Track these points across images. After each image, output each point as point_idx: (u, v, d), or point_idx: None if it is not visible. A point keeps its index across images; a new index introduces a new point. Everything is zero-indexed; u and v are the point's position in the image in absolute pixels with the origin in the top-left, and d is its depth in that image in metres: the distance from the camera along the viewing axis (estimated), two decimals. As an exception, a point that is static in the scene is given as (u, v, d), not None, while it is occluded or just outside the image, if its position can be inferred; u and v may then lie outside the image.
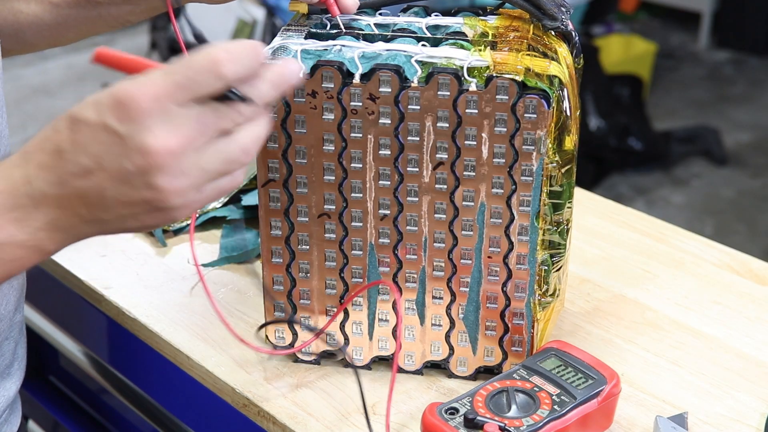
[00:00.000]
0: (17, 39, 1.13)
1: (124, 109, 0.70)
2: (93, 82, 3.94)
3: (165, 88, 0.70)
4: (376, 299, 1.03)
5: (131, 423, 1.31)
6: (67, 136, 0.72)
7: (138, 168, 0.71)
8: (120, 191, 0.72)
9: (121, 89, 0.71)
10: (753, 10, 4.68)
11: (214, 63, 0.71)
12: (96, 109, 0.71)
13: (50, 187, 0.73)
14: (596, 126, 3.58)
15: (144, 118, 0.70)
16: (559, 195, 0.98)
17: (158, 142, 0.70)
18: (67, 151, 0.72)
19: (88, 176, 0.72)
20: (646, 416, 1.00)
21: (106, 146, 0.71)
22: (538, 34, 1.00)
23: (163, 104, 0.70)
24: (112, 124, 0.71)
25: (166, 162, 0.71)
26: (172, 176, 0.72)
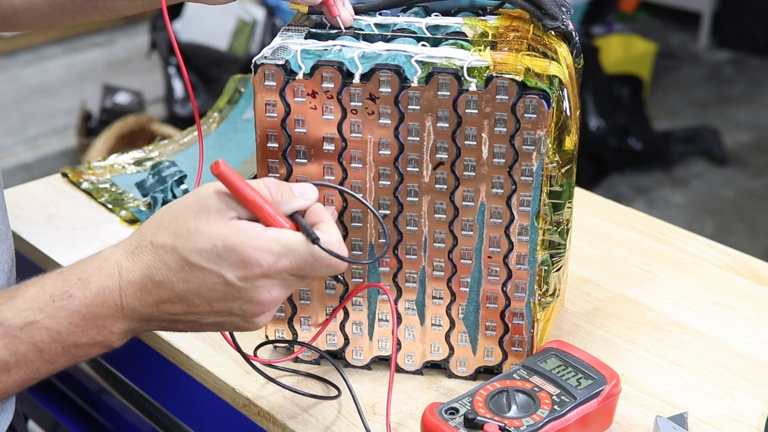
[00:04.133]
0: (10, 21, 1.14)
1: (248, 271, 0.78)
2: (93, 81, 3.93)
3: (288, 267, 0.80)
4: (376, 299, 1.03)
5: (131, 423, 1.31)
6: (180, 276, 0.79)
7: (245, 312, 0.81)
8: (217, 320, 0.82)
9: (248, 252, 0.78)
10: (753, 10, 4.68)
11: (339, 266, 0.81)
12: (216, 261, 0.78)
13: (145, 308, 0.81)
14: (596, 126, 3.58)
15: (264, 281, 0.79)
16: (559, 195, 0.98)
17: (272, 298, 0.81)
18: (178, 288, 0.79)
19: (192, 307, 0.80)
20: (646, 416, 1.00)
21: (219, 293, 0.79)
22: (538, 34, 1.00)
23: (283, 276, 0.80)
24: (232, 280, 0.79)
25: (270, 308, 0.82)
26: (269, 316, 0.83)
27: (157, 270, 0.79)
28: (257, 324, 0.83)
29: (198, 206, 0.80)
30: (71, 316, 0.80)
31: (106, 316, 0.80)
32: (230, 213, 0.79)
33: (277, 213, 0.81)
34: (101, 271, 0.80)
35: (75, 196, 1.39)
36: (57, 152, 3.70)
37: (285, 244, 0.79)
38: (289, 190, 0.83)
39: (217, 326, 0.84)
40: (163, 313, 0.81)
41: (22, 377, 0.81)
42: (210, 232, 0.78)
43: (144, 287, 0.80)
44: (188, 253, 0.78)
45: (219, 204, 0.80)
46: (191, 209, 0.80)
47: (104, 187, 1.40)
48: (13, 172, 3.50)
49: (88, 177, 1.42)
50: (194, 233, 0.79)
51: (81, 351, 0.82)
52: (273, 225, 0.80)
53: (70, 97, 3.88)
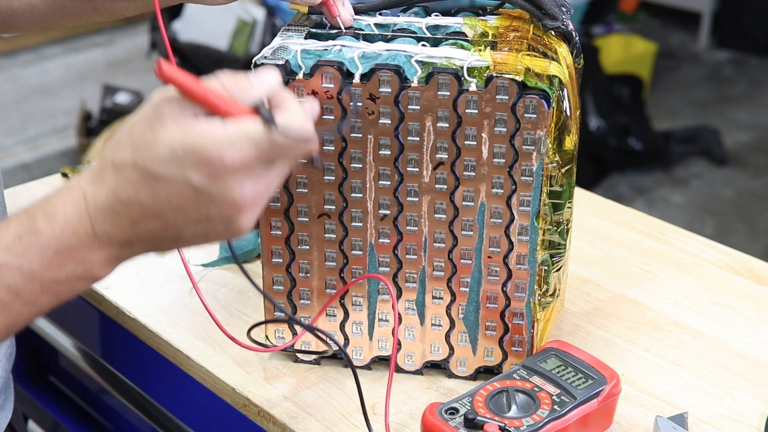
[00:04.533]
0: (10, 23, 1.14)
1: (212, 169, 0.74)
2: (93, 81, 3.93)
3: (254, 158, 0.75)
4: (376, 299, 1.03)
5: (131, 423, 1.31)
6: (145, 190, 0.75)
7: (222, 214, 0.76)
8: (198, 229, 0.77)
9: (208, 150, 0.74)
10: (753, 10, 4.68)
11: (307, 144, 0.77)
12: (177, 167, 0.74)
13: (120, 230, 0.77)
14: (596, 126, 3.58)
15: (231, 175, 0.75)
16: (559, 195, 0.98)
17: (245, 194, 0.76)
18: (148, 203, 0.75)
19: (166, 221, 0.76)
20: (646, 416, 1.00)
21: (190, 200, 0.75)
22: (538, 34, 1.00)
23: (249, 167, 0.75)
24: (197, 181, 0.74)
25: (248, 206, 0.76)
26: (251, 215, 0.78)
27: (122, 189, 0.76)
28: (241, 227, 0.78)
29: (151, 114, 0.76)
30: (42, 251, 0.76)
31: (79, 246, 0.77)
32: (185, 113, 0.75)
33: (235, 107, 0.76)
34: (66, 201, 0.77)
35: (75, 196, 1.39)
36: (57, 152, 3.70)
37: (245, 137, 0.75)
38: (246, 79, 0.78)
39: (200, 237, 0.79)
40: (141, 234, 0.77)
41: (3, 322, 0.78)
42: (166, 138, 0.75)
43: (114, 210, 0.76)
44: (148, 163, 0.75)
45: (172, 107, 0.76)
46: (146, 120, 0.77)
47: (104, 187, 1.39)
48: (13, 172, 3.50)
49: (88, 177, 1.42)
50: (151, 143, 0.75)
51: (63, 287, 0.78)
52: (229, 115, 0.76)
53: (70, 97, 3.88)
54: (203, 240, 0.80)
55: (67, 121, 3.79)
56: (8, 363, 1.05)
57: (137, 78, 3.89)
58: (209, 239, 0.80)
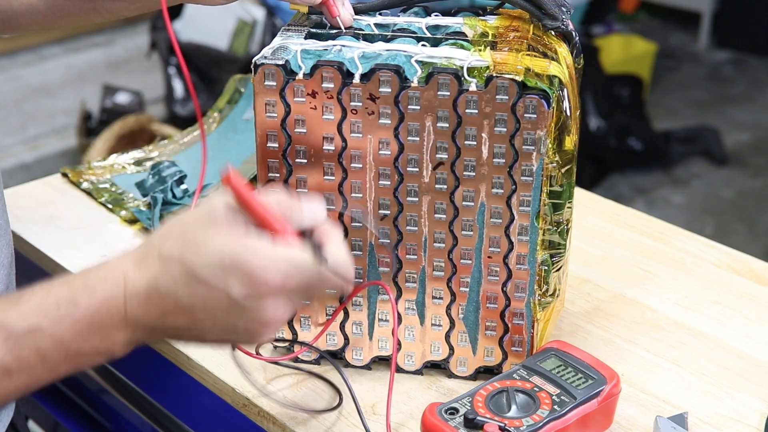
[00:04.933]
0: (10, 24, 1.14)
1: (254, 289, 0.76)
2: (93, 81, 3.93)
3: (295, 287, 0.78)
4: (376, 299, 1.03)
5: (131, 423, 1.31)
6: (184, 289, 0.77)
7: (248, 329, 0.79)
8: (221, 335, 0.80)
9: (255, 270, 0.76)
10: (753, 10, 4.68)
11: (347, 282, 0.80)
12: (222, 276, 0.77)
13: (149, 319, 0.79)
14: (596, 126, 3.58)
15: (269, 298, 0.77)
16: (559, 195, 0.98)
17: (276, 316, 0.78)
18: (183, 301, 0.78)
19: (196, 321, 0.79)
20: (646, 416, 1.00)
21: (224, 309, 0.77)
22: (538, 34, 1.00)
23: (289, 294, 0.78)
24: (237, 296, 0.77)
25: (275, 325, 0.79)
26: (272, 332, 0.81)
27: (162, 281, 0.78)
28: (260, 341, 0.83)
29: (208, 218, 0.79)
30: (76, 323, 0.79)
31: (110, 325, 0.79)
32: (240, 227, 0.78)
33: (287, 230, 0.79)
34: (107, 280, 0.79)
35: (75, 196, 1.39)
36: (57, 152, 3.69)
37: (293, 264, 0.77)
38: (299, 207, 0.81)
39: (220, 342, 0.84)
40: (167, 326, 0.80)
41: (23, 383, 0.81)
42: (217, 246, 0.77)
43: (149, 298, 0.79)
44: (195, 266, 0.77)
45: (228, 216, 0.78)
46: (201, 221, 0.79)
47: (104, 187, 1.40)
48: (13, 172, 3.50)
49: (88, 177, 1.42)
50: (202, 246, 0.77)
51: (83, 359, 0.81)
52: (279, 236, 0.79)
53: (70, 97, 3.88)
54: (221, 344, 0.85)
55: (67, 121, 3.79)
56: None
57: (137, 78, 3.89)
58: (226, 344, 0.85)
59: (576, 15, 4.03)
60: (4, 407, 1.04)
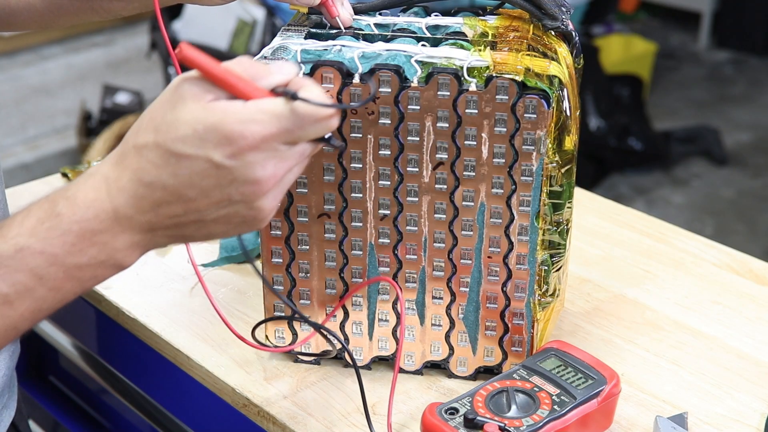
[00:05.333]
0: (8, 22, 1.14)
1: (234, 146, 0.74)
2: (93, 81, 3.93)
3: (275, 132, 0.75)
4: (376, 299, 1.03)
5: (131, 423, 1.31)
6: (167, 170, 0.75)
7: (244, 195, 0.76)
8: (220, 213, 0.77)
9: (230, 127, 0.74)
10: (753, 10, 4.68)
11: (329, 119, 0.77)
12: (199, 144, 0.75)
13: (142, 214, 0.77)
14: (596, 126, 3.58)
15: (254, 153, 0.75)
16: (559, 195, 0.98)
17: (267, 174, 0.76)
18: (170, 184, 0.75)
19: (189, 202, 0.76)
20: (646, 416, 1.00)
21: (212, 179, 0.75)
22: (538, 34, 1.00)
23: (271, 144, 0.76)
24: (219, 159, 0.75)
25: (270, 188, 0.77)
26: (272, 199, 0.78)
27: (145, 171, 0.76)
28: (263, 208, 0.78)
29: (173, 97, 0.77)
30: (63, 235, 0.76)
31: (102, 230, 0.76)
32: (207, 96, 0.76)
33: (253, 85, 0.77)
34: (87, 186, 0.77)
35: (75, 196, 1.39)
36: (57, 152, 3.70)
37: (265, 110, 0.75)
38: (266, 67, 0.79)
39: (223, 222, 0.79)
40: (163, 218, 0.77)
41: (28, 308, 0.78)
42: (188, 118, 0.75)
43: (136, 193, 0.76)
44: (170, 144, 0.75)
45: (193, 89, 0.76)
46: (167, 103, 0.77)
47: (104, 187, 1.40)
48: (13, 172, 3.50)
49: (88, 177, 1.42)
50: (173, 123, 0.75)
51: (86, 273, 0.78)
52: (250, 97, 0.77)
53: (70, 97, 3.88)
54: (226, 225, 0.79)
55: (67, 121, 3.79)
56: (11, 361, 1.05)
57: (137, 78, 3.89)
58: (232, 224, 0.79)
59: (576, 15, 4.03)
60: (6, 407, 1.04)
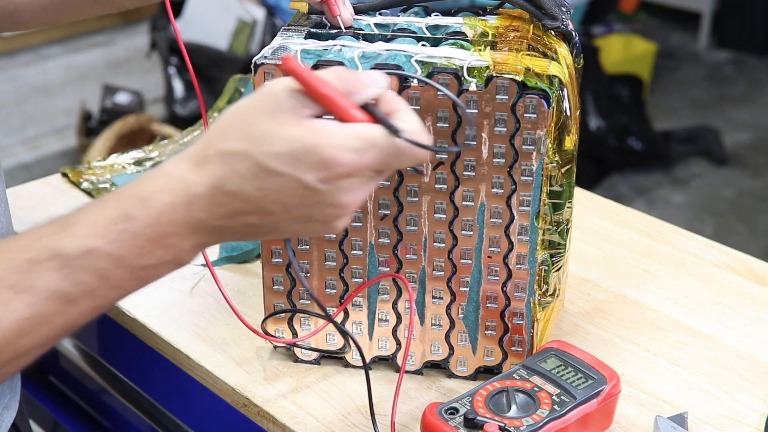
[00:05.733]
0: (12, 19, 1.13)
1: (329, 172, 0.73)
2: (93, 81, 3.93)
3: (371, 163, 0.74)
4: (376, 299, 1.03)
5: (131, 423, 1.31)
6: (254, 183, 0.73)
7: (325, 216, 0.75)
8: (295, 228, 0.76)
9: (328, 152, 0.72)
10: (753, 10, 4.68)
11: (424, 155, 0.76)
12: (294, 165, 0.72)
13: (216, 220, 0.75)
14: (596, 126, 3.58)
15: (345, 181, 0.73)
16: (559, 195, 0.98)
17: (354, 199, 0.75)
18: (254, 197, 0.73)
19: (268, 215, 0.75)
20: (646, 416, 1.00)
21: (298, 198, 0.74)
22: (538, 34, 1.00)
23: (364, 173, 0.74)
24: (311, 181, 0.73)
25: (352, 210, 0.76)
26: (350, 217, 0.77)
27: (229, 180, 0.73)
28: (337, 228, 0.77)
29: (269, 106, 0.73)
30: (134, 238, 0.74)
31: (173, 234, 0.74)
32: (304, 111, 0.73)
33: (353, 106, 0.74)
34: (165, 187, 0.74)
35: (75, 196, 1.39)
36: (57, 152, 3.70)
37: (366, 140, 0.73)
38: (360, 78, 0.76)
39: (295, 233, 0.78)
40: (237, 225, 0.75)
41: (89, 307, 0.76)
42: (285, 134, 0.72)
43: (214, 200, 0.73)
44: (263, 158, 0.72)
45: (292, 102, 0.73)
46: (262, 109, 0.74)
47: (104, 187, 1.40)
48: (13, 172, 3.50)
49: (88, 177, 1.42)
50: (268, 136, 0.72)
51: (150, 273, 0.76)
52: (349, 120, 0.74)
53: (70, 97, 3.88)
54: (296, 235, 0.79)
55: (67, 121, 3.79)
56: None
57: (137, 78, 3.89)
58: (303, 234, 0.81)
59: (576, 15, 4.03)
60: (7, 407, 1.04)
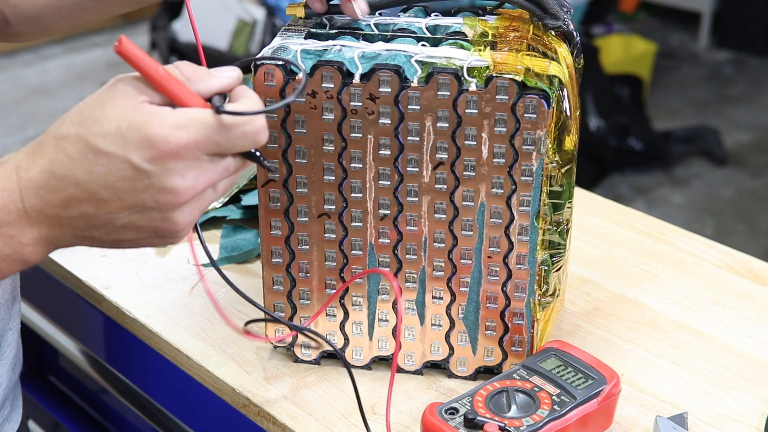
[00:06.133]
0: (37, 23, 1.12)
1: (155, 150, 0.72)
2: (93, 81, 3.93)
3: (200, 142, 0.73)
4: (376, 299, 1.03)
5: (131, 423, 1.31)
6: (83, 165, 0.72)
7: (159, 204, 0.73)
8: (131, 219, 0.74)
9: (156, 131, 0.72)
10: (753, 10, 4.68)
11: (257, 133, 0.75)
12: (120, 143, 0.72)
13: (51, 208, 0.73)
14: (596, 126, 3.58)
15: (174, 161, 0.72)
16: (559, 195, 0.98)
17: (185, 184, 0.73)
18: (83, 180, 0.72)
19: (101, 204, 0.73)
20: (646, 416, 1.00)
21: (128, 182, 0.72)
22: (538, 34, 1.00)
23: (195, 153, 0.73)
24: (139, 162, 0.72)
25: (187, 201, 0.74)
26: (188, 214, 0.75)
27: (59, 163, 0.72)
28: (177, 223, 0.75)
29: (106, 94, 0.74)
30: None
31: (9, 222, 0.73)
32: (140, 96, 0.73)
33: (188, 90, 0.74)
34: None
35: (75, 196, 1.39)
36: (57, 152, 3.69)
37: (193, 117, 0.73)
38: (206, 70, 0.77)
39: (135, 229, 0.75)
40: (72, 215, 0.73)
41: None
42: (115, 115, 0.72)
43: (46, 185, 0.73)
44: (91, 138, 0.72)
45: (127, 88, 0.74)
46: (99, 98, 0.74)
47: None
48: (13, 172, 3.50)
49: (88, 177, 1.42)
50: (98, 119, 0.72)
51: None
52: (182, 103, 0.74)
53: (70, 97, 3.88)
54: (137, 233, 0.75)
55: (67, 121, 3.79)
56: (13, 373, 1.04)
57: (137, 78, 3.88)
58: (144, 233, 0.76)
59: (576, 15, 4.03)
60: (8, 420, 1.04)
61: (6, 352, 1.01)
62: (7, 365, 1.02)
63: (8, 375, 1.02)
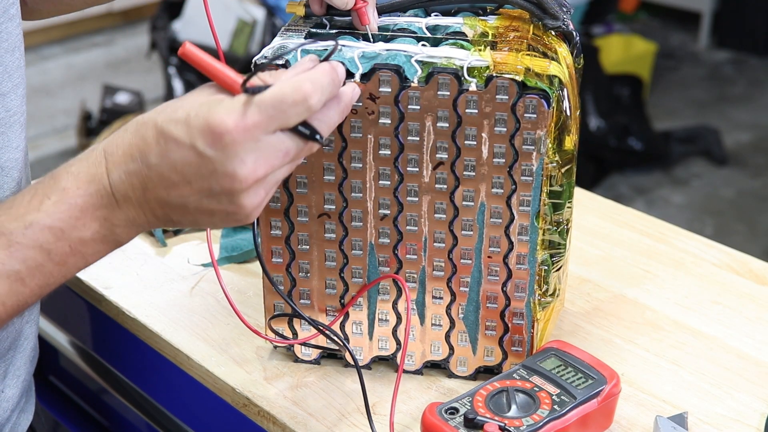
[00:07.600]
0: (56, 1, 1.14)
1: (217, 137, 0.77)
2: (93, 81, 3.94)
3: (257, 122, 0.77)
4: (376, 299, 1.03)
5: (131, 423, 1.31)
6: (156, 150, 0.78)
7: (224, 189, 0.78)
8: (202, 203, 0.79)
9: (215, 117, 0.77)
10: (753, 10, 4.69)
11: (304, 98, 0.78)
12: (187, 130, 0.77)
13: (134, 191, 0.79)
14: (596, 126, 3.58)
15: (235, 147, 0.77)
16: (559, 195, 0.98)
17: (247, 169, 0.78)
18: (155, 164, 0.78)
19: (172, 187, 0.78)
20: (646, 416, 1.00)
21: (194, 167, 0.78)
22: (538, 34, 1.00)
23: (254, 135, 0.77)
24: (203, 148, 0.77)
25: (251, 186, 0.78)
26: (254, 196, 0.79)
27: (135, 147, 0.78)
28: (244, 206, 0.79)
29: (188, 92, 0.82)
30: (69, 209, 0.78)
31: (102, 205, 0.79)
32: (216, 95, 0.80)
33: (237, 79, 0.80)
34: (89, 160, 0.80)
35: (75, 196, 1.39)
36: (57, 152, 3.70)
37: (247, 100, 0.78)
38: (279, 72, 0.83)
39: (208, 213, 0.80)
40: (150, 199, 0.79)
41: (38, 284, 0.80)
42: (187, 105, 0.78)
43: (127, 168, 0.79)
44: (165, 124, 0.78)
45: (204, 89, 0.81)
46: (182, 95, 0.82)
47: (104, 187, 1.40)
48: (13, 172, 3.50)
49: (88, 177, 1.42)
50: (174, 108, 0.79)
51: (89, 248, 0.80)
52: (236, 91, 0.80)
53: (70, 97, 3.88)
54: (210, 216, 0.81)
55: (67, 121, 3.79)
56: (31, 366, 1.05)
57: (137, 78, 3.89)
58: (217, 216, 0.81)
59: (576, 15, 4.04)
60: (24, 411, 1.05)
61: (24, 345, 1.02)
62: (25, 357, 1.02)
63: (26, 368, 1.03)
